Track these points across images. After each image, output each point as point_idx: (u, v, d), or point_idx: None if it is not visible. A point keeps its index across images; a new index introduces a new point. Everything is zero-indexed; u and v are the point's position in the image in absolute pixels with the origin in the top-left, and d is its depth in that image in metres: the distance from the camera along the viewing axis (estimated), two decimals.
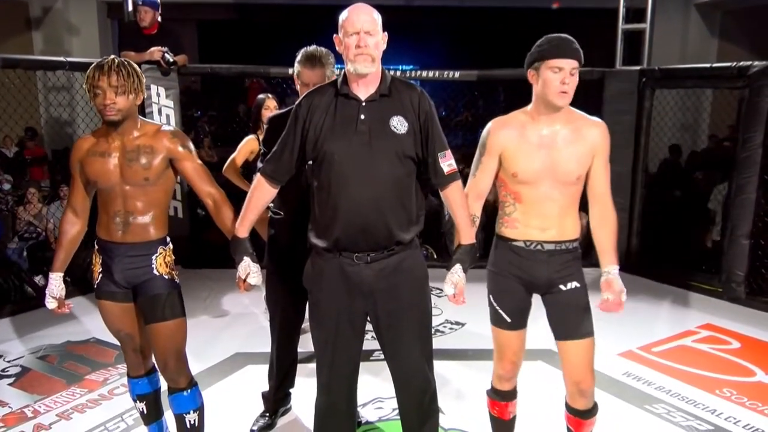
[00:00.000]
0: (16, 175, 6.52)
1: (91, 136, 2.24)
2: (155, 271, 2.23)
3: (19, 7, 8.93)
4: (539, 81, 2.07)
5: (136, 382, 2.42)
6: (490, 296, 2.23)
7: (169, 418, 2.46)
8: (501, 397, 2.34)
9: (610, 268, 2.17)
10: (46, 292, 2.29)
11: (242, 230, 2.15)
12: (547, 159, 2.09)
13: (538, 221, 2.13)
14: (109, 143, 2.18)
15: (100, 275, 2.27)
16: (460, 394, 3.16)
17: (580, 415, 2.23)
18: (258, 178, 2.12)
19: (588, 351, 2.16)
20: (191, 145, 2.26)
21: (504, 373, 2.29)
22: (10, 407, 3.07)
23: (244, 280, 2.14)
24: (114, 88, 2.09)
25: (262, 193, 2.12)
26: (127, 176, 2.16)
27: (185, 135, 2.29)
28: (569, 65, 2.02)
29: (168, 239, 2.30)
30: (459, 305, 2.16)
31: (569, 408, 2.25)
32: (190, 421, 2.33)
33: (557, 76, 2.02)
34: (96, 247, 2.28)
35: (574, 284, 2.16)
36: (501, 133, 2.14)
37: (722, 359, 3.68)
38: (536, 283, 2.17)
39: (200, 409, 2.36)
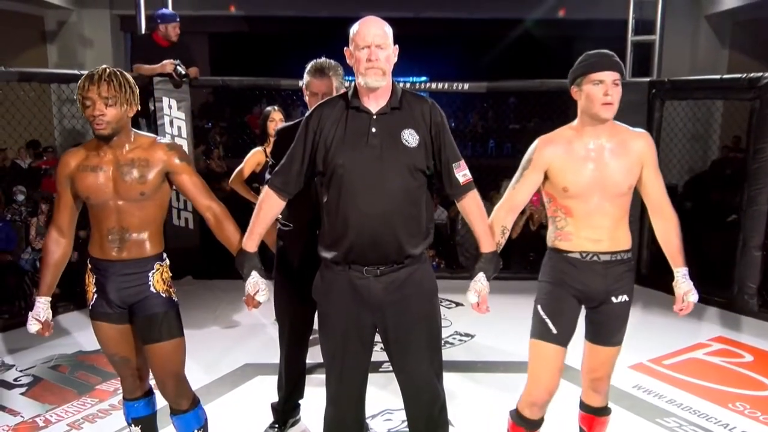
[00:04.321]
0: (30, 186, 6.60)
1: (80, 149, 2.14)
2: (152, 289, 2.14)
3: (35, 20, 9.08)
4: (583, 96, 2.09)
5: (132, 405, 2.32)
6: (538, 305, 2.19)
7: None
8: (527, 426, 2.23)
9: (678, 269, 2.20)
10: (31, 314, 2.17)
11: (250, 244, 2.11)
12: (596, 172, 2.10)
13: (591, 233, 2.13)
14: (101, 157, 2.08)
15: (95, 296, 2.17)
16: (470, 406, 3.15)
17: (594, 412, 2.26)
18: (266, 190, 2.11)
19: (614, 356, 2.23)
20: (189, 158, 2.18)
21: (537, 399, 2.19)
22: (21, 416, 3.09)
23: (253, 297, 2.11)
24: (104, 99, 1.99)
25: (270, 206, 2.10)
26: (121, 191, 2.07)
27: (182, 147, 2.21)
28: (610, 77, 2.05)
29: (164, 255, 2.21)
30: (482, 313, 2.14)
31: (582, 406, 2.28)
32: None
33: (599, 89, 2.05)
34: (89, 266, 2.18)
35: (624, 298, 2.18)
36: (547, 149, 2.15)
37: (735, 372, 3.64)
38: (592, 295, 2.16)
39: (204, 427, 2.31)
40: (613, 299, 2.17)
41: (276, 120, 3.78)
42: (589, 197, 2.11)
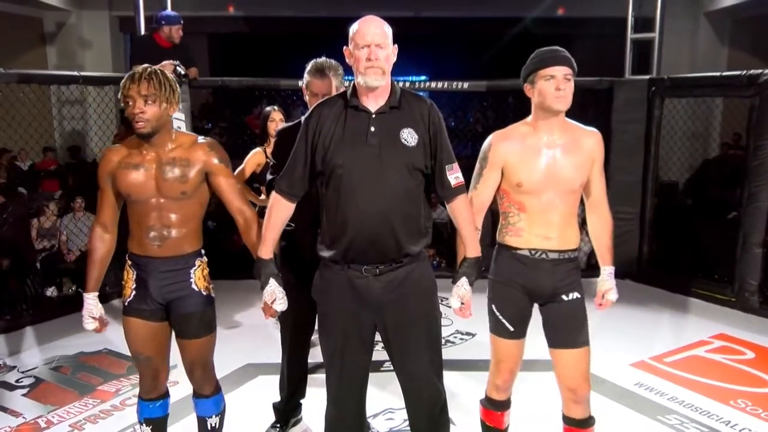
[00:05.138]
0: (30, 188, 6.61)
1: (121, 147, 2.18)
2: (194, 286, 2.19)
3: (34, 22, 9.09)
4: (535, 92, 2.12)
5: (146, 405, 2.34)
6: (492, 305, 2.24)
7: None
8: (496, 407, 2.35)
9: (606, 267, 2.27)
10: (84, 312, 2.21)
11: (265, 251, 2.11)
12: (550, 168, 2.13)
13: (542, 230, 2.16)
14: (143, 155, 2.12)
15: (133, 292, 2.20)
16: (471, 405, 3.14)
17: (577, 424, 2.23)
18: (274, 196, 2.11)
19: (584, 359, 2.19)
20: (227, 159, 2.22)
21: (501, 383, 2.30)
22: (23, 418, 3.10)
23: (270, 306, 2.11)
24: (144, 97, 2.03)
25: (279, 211, 2.10)
26: (162, 189, 2.11)
27: (222, 148, 2.22)
28: (561, 72, 2.08)
29: (203, 251, 2.26)
30: (466, 318, 2.17)
31: (565, 419, 2.25)
32: (211, 424, 2.37)
33: (551, 83, 2.08)
34: (129, 262, 2.21)
35: (575, 295, 2.19)
36: (503, 146, 2.17)
37: (736, 369, 3.65)
38: (540, 292, 2.19)
39: (222, 414, 2.39)
40: (564, 297, 2.18)
41: (276, 120, 3.77)
42: (542, 193, 2.14)
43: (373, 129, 2.00)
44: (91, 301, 2.21)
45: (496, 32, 10.80)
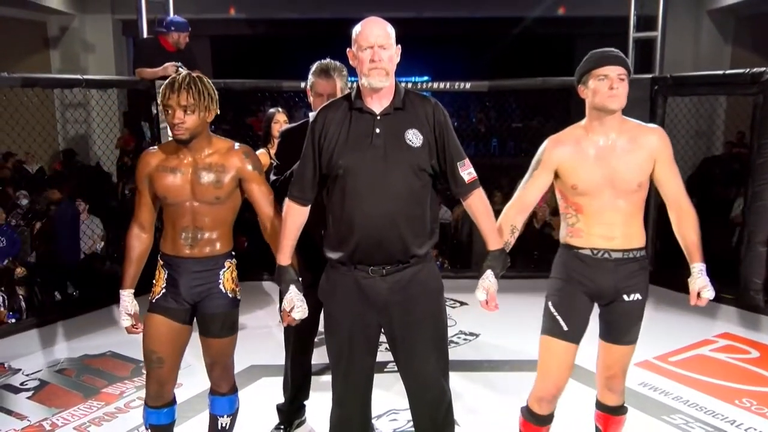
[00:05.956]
0: (35, 191, 6.62)
1: (158, 151, 2.23)
2: (222, 287, 2.24)
3: (38, 26, 9.12)
4: (589, 93, 2.11)
5: (152, 412, 2.32)
6: (549, 302, 2.20)
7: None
8: (537, 421, 2.24)
9: (695, 265, 2.19)
10: (121, 309, 2.26)
11: (283, 258, 2.13)
12: (606, 169, 2.10)
13: (602, 230, 2.13)
14: (180, 159, 2.17)
15: (163, 290, 2.24)
16: (476, 406, 3.15)
17: (610, 411, 2.28)
18: (287, 203, 2.11)
19: (628, 355, 2.23)
20: (261, 167, 2.26)
21: (546, 394, 2.20)
22: (28, 420, 3.10)
23: (289, 313, 2.12)
24: (183, 107, 2.07)
25: (294, 217, 2.11)
26: (197, 193, 2.16)
27: (256, 155, 2.27)
28: (615, 71, 2.06)
29: (233, 252, 2.29)
30: (491, 311, 2.14)
31: (599, 405, 2.30)
32: (222, 423, 2.40)
33: (605, 83, 2.06)
34: (160, 261, 2.26)
35: (637, 296, 2.17)
36: (556, 150, 2.16)
37: (741, 369, 3.63)
38: (601, 292, 2.16)
39: (234, 415, 2.42)
40: (625, 297, 2.16)
41: (280, 122, 3.78)
42: (599, 194, 2.11)
43: (377, 130, 2.00)
44: (127, 298, 2.26)
45: (498, 32, 10.81)
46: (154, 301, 2.26)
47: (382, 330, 2.13)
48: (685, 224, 2.19)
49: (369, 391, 2.19)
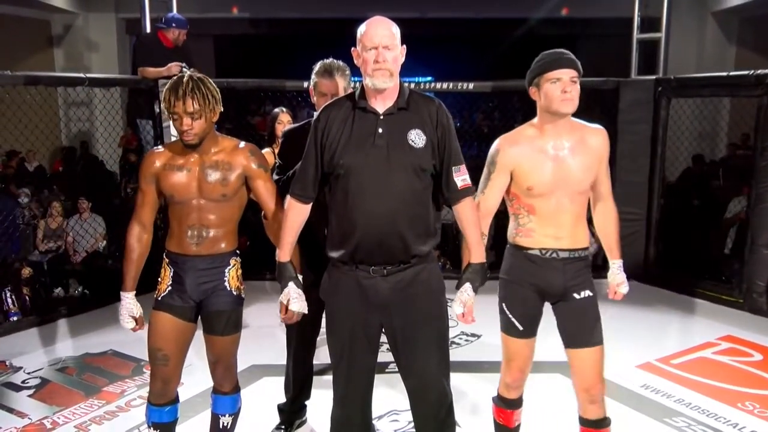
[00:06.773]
0: (36, 189, 6.63)
1: (164, 150, 2.24)
2: (227, 284, 2.24)
3: (42, 25, 9.15)
4: (541, 95, 2.12)
5: (155, 410, 2.33)
6: (503, 304, 2.25)
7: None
8: (507, 405, 2.37)
9: (615, 261, 2.30)
10: (123, 311, 2.26)
11: (283, 254, 2.13)
12: (559, 170, 2.12)
13: (553, 230, 2.16)
14: (187, 158, 2.19)
15: (168, 288, 2.24)
16: (477, 406, 3.14)
17: (592, 425, 2.23)
18: (289, 200, 2.11)
19: (598, 358, 2.19)
20: (267, 164, 2.27)
21: (511, 381, 2.32)
22: (29, 419, 3.11)
23: (287, 307, 2.13)
24: (190, 114, 2.08)
25: (295, 215, 2.11)
26: (204, 191, 2.17)
27: (261, 153, 2.29)
28: (567, 74, 2.07)
29: (238, 251, 2.31)
30: (468, 324, 2.16)
31: (582, 421, 2.25)
32: (224, 422, 2.40)
33: (557, 86, 2.07)
34: (166, 260, 2.27)
35: (587, 293, 2.19)
36: (512, 150, 2.16)
37: (744, 371, 3.62)
38: (551, 291, 2.19)
39: (236, 415, 2.42)
40: (576, 295, 2.18)
41: (284, 122, 3.77)
42: (552, 195, 2.14)
43: (380, 130, 1.99)
44: (130, 300, 2.27)
45: (502, 33, 10.80)
46: (159, 298, 2.26)
47: (384, 330, 2.12)
48: (610, 222, 2.29)
49: (370, 391, 2.19)
